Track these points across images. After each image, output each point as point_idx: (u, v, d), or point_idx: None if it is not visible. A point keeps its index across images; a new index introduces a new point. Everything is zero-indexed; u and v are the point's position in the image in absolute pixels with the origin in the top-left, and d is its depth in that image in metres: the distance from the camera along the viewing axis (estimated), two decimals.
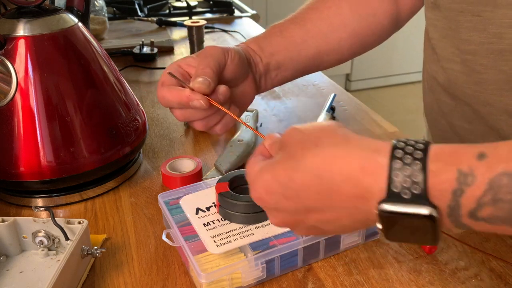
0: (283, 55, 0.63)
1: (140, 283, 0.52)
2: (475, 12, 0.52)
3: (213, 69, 0.53)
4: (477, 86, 0.55)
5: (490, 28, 0.51)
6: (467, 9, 0.52)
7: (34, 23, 0.61)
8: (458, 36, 0.55)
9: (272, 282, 0.51)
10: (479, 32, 0.52)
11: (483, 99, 0.55)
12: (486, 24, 0.51)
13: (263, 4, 2.83)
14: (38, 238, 0.53)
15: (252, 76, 0.61)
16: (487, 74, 0.53)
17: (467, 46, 0.54)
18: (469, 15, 0.52)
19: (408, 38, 3.15)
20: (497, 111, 0.54)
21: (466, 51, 0.54)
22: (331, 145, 0.36)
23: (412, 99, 3.16)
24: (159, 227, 0.60)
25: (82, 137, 0.62)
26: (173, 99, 0.52)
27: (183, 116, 0.54)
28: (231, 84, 0.57)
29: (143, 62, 1.20)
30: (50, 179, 0.61)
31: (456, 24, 0.54)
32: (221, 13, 1.64)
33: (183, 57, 0.57)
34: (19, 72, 0.59)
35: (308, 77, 1.08)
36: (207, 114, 0.54)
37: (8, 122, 0.60)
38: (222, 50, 0.55)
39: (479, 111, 0.56)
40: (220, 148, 0.78)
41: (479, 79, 0.54)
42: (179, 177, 0.67)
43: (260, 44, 0.63)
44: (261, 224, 0.52)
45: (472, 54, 0.54)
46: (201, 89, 0.51)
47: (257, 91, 0.63)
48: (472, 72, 0.55)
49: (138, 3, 1.70)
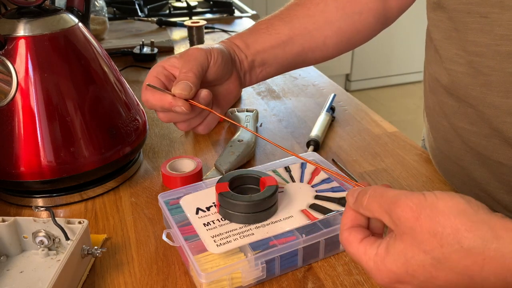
0: (268, 52, 0.64)
1: (140, 283, 0.52)
2: (483, 13, 0.52)
3: (195, 73, 0.53)
4: (483, 88, 0.54)
5: (497, 30, 0.51)
6: (474, 10, 0.52)
7: (35, 23, 0.61)
8: (465, 38, 0.54)
9: (272, 282, 0.51)
10: (486, 33, 0.52)
11: (488, 101, 0.54)
12: (493, 25, 0.51)
13: (263, 4, 2.84)
14: (38, 238, 0.53)
15: (236, 73, 0.61)
16: (493, 76, 0.53)
17: (473, 48, 0.54)
18: (476, 17, 0.52)
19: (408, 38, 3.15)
20: (502, 113, 0.54)
21: (473, 53, 0.54)
22: (478, 242, 0.32)
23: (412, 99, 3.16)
24: (159, 227, 0.60)
25: (82, 137, 0.62)
26: (156, 103, 0.53)
27: (166, 118, 0.56)
28: (215, 83, 0.58)
29: (143, 62, 1.20)
30: (50, 179, 0.62)
31: (463, 26, 0.54)
32: (221, 13, 1.64)
33: (167, 58, 0.57)
34: (19, 72, 0.59)
35: (308, 77, 1.08)
36: (190, 116, 0.56)
37: (8, 122, 0.60)
38: (205, 52, 0.56)
39: (484, 113, 0.56)
40: (220, 148, 0.78)
41: (485, 81, 0.54)
42: (179, 177, 0.67)
43: (246, 41, 0.63)
44: (261, 224, 0.53)
45: (479, 56, 0.54)
46: (182, 95, 0.52)
47: (241, 87, 0.64)
48: (478, 74, 0.54)
49: (138, 3, 1.71)
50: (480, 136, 0.58)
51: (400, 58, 3.28)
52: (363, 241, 0.38)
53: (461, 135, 0.61)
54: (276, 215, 0.54)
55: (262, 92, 1.01)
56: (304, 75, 1.11)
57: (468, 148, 0.60)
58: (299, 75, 1.10)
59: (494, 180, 0.59)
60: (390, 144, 0.79)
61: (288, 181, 0.60)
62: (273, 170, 0.62)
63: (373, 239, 0.38)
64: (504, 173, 0.57)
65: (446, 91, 0.61)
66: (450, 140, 0.63)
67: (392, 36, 3.14)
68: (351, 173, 0.70)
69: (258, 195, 0.53)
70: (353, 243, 0.38)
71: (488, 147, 0.57)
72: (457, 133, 0.61)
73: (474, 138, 0.59)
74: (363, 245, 0.38)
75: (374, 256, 0.36)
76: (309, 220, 0.53)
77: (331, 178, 0.61)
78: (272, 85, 1.05)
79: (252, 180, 0.57)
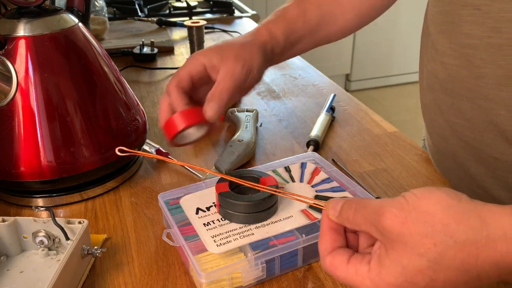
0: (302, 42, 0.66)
1: (140, 283, 0.52)
2: (476, 5, 0.52)
3: (229, 95, 0.55)
4: (477, 81, 0.55)
5: (489, 22, 0.51)
6: (469, 2, 0.53)
7: (35, 23, 0.61)
8: (459, 30, 0.55)
9: (272, 282, 0.51)
10: (479, 26, 0.52)
11: (483, 94, 0.55)
12: (485, 17, 0.51)
13: (263, 4, 2.84)
14: (38, 238, 0.53)
15: (265, 65, 0.62)
16: (486, 68, 0.53)
17: (467, 40, 0.54)
18: (470, 9, 0.53)
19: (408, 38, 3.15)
20: (497, 105, 0.54)
21: (466, 45, 0.54)
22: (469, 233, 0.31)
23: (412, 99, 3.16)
24: (159, 227, 0.60)
25: (82, 137, 0.62)
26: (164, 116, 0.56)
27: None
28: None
29: (143, 62, 1.20)
30: (50, 179, 0.62)
31: (458, 18, 0.55)
32: (221, 13, 1.64)
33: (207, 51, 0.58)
34: (19, 72, 0.59)
35: (308, 77, 1.08)
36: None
37: (8, 122, 0.60)
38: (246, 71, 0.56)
39: (479, 106, 0.56)
40: (220, 148, 0.78)
41: (479, 74, 0.54)
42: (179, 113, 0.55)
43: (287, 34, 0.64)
44: (261, 224, 0.53)
45: (472, 48, 0.54)
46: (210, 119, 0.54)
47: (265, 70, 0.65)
48: (471, 67, 0.55)
49: (138, 3, 1.71)
50: (475, 131, 0.58)
51: (400, 58, 3.28)
52: (351, 261, 0.36)
53: (457, 130, 0.61)
54: (276, 215, 0.54)
55: (262, 92, 1.01)
56: (304, 75, 1.11)
57: (463, 143, 0.60)
58: (299, 75, 1.10)
59: (490, 177, 0.60)
60: (390, 144, 0.79)
61: (288, 181, 0.60)
62: (273, 170, 0.62)
63: (360, 257, 0.36)
64: (499, 169, 0.58)
65: (442, 86, 0.61)
66: (446, 137, 0.64)
67: (392, 36, 3.14)
68: (351, 173, 0.70)
69: (258, 195, 0.53)
70: (340, 266, 0.36)
71: (483, 141, 0.58)
72: (453, 129, 0.61)
73: (469, 133, 0.59)
74: (352, 265, 0.35)
75: (368, 273, 0.34)
76: (309, 220, 0.53)
77: (331, 178, 0.61)
78: (272, 85, 1.05)
79: (252, 180, 0.57)
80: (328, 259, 0.37)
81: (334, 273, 0.36)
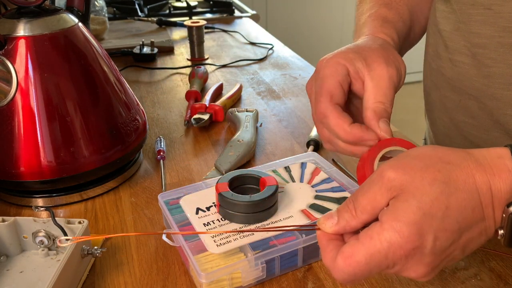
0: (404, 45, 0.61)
1: (140, 283, 0.52)
2: (486, 5, 0.52)
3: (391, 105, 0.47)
4: (485, 80, 0.55)
5: (500, 22, 0.51)
6: (478, 2, 0.53)
7: (34, 23, 0.61)
8: (469, 29, 0.55)
9: (272, 282, 0.51)
10: (489, 25, 0.53)
11: (490, 93, 0.55)
12: (496, 17, 0.52)
13: (263, 4, 2.83)
14: (38, 238, 0.53)
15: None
16: (496, 68, 0.53)
17: (477, 40, 0.55)
18: (480, 8, 0.53)
19: None
20: (504, 105, 0.54)
21: (476, 45, 0.55)
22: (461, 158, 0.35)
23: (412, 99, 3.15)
24: (159, 227, 0.60)
25: (82, 137, 0.62)
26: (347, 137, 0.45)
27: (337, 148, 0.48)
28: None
29: (143, 62, 1.20)
30: (50, 179, 0.62)
31: (467, 17, 0.55)
32: (221, 13, 1.64)
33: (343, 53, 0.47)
34: (19, 72, 0.59)
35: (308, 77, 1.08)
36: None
37: (8, 122, 0.60)
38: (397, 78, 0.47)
39: (486, 105, 0.56)
40: (220, 148, 0.78)
41: (488, 73, 0.54)
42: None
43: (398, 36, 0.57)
44: (261, 224, 0.53)
45: (482, 48, 0.54)
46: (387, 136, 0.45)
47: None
48: (481, 66, 0.55)
49: (138, 3, 1.71)
50: (480, 129, 0.58)
51: None
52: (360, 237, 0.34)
53: (462, 129, 0.61)
54: (276, 215, 0.54)
55: (262, 92, 1.01)
56: (304, 75, 1.11)
57: (469, 142, 0.61)
58: (299, 75, 1.10)
59: None
60: None
61: (288, 181, 0.60)
62: (273, 170, 0.62)
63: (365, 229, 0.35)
64: None
65: (449, 84, 0.61)
66: (451, 135, 0.64)
67: None
68: (351, 173, 0.70)
69: (258, 195, 0.52)
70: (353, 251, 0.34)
71: (488, 141, 0.58)
72: (458, 127, 0.62)
73: (475, 131, 0.59)
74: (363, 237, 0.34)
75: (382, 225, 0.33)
76: (309, 220, 0.53)
77: (331, 178, 0.61)
78: (272, 85, 1.05)
79: (252, 180, 0.57)
80: (339, 261, 0.35)
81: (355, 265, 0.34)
